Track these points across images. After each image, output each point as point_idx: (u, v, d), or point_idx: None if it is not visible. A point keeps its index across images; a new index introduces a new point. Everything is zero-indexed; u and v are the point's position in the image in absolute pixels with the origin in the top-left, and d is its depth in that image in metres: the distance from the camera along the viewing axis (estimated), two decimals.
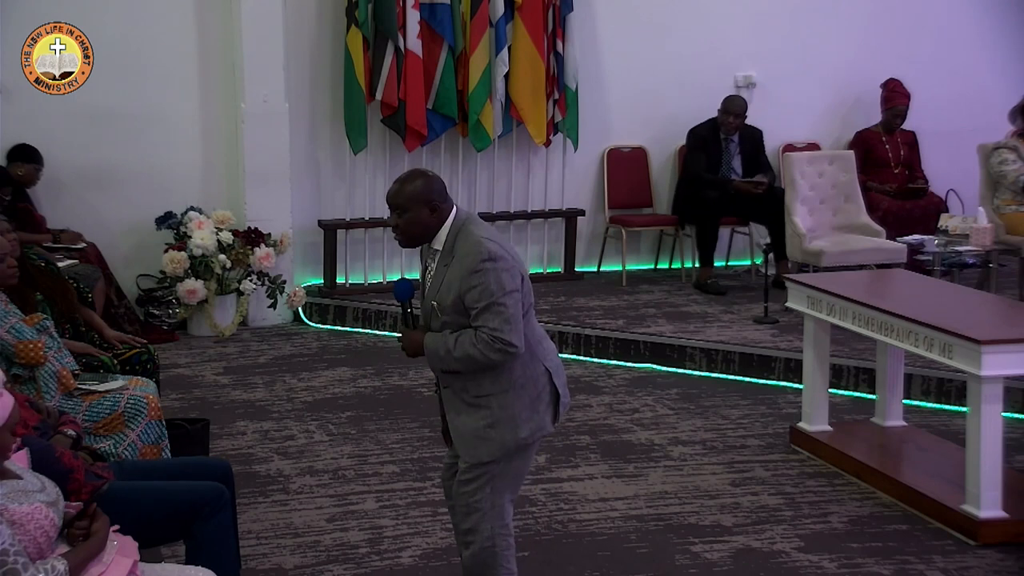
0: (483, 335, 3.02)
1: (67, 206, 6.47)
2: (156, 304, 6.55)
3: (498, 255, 3.05)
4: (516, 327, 3.03)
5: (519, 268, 3.10)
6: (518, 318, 3.04)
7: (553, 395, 3.16)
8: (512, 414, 3.10)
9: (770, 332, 6.18)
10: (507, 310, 3.02)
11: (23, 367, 3.79)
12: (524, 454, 3.18)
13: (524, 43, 7.06)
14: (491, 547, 3.17)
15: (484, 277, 3.03)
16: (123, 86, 6.54)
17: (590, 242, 7.63)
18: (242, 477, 4.24)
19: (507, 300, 3.03)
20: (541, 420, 3.14)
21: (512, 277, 3.05)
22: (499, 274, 3.03)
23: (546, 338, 3.24)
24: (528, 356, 3.10)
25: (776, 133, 7.63)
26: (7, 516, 2.41)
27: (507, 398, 3.09)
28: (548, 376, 3.15)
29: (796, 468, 4.62)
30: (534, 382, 3.12)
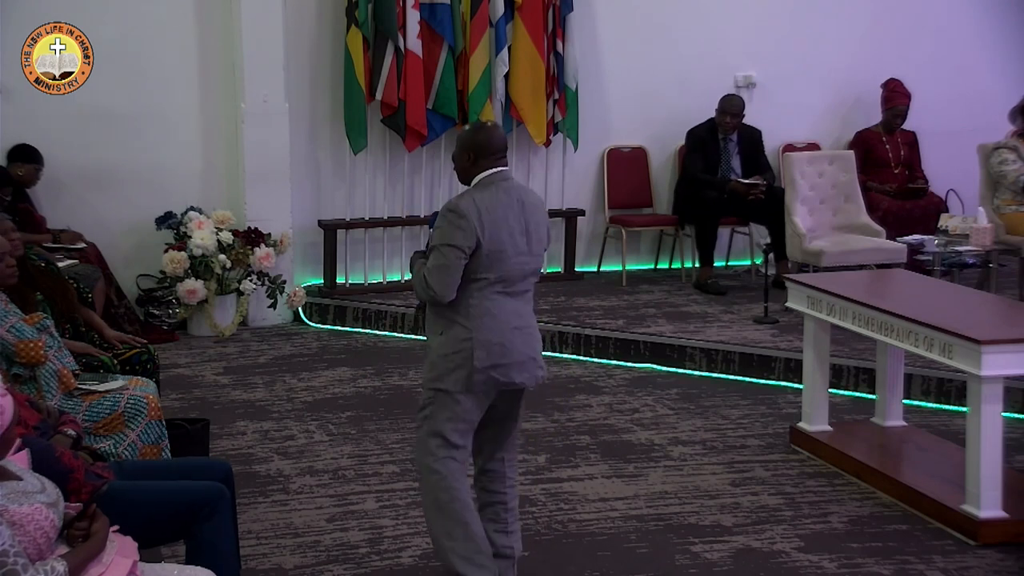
0: (423, 269, 3.39)
1: (67, 206, 6.47)
2: (156, 304, 6.55)
3: (462, 212, 3.32)
4: (443, 277, 3.32)
5: (481, 235, 3.31)
6: (449, 269, 3.32)
7: (468, 363, 3.35)
8: (433, 355, 3.45)
9: (770, 332, 6.18)
10: (442, 258, 3.33)
11: (24, 367, 3.79)
12: (441, 402, 3.41)
13: (524, 43, 7.06)
14: (423, 482, 3.50)
15: (442, 222, 3.37)
16: (123, 86, 6.54)
17: (590, 242, 7.63)
18: (242, 477, 4.24)
19: (446, 250, 3.32)
20: (446, 375, 3.38)
21: (464, 236, 3.31)
22: (451, 227, 3.32)
23: (505, 319, 3.39)
24: (461, 318, 3.37)
25: (776, 133, 7.63)
26: (7, 517, 2.41)
27: (436, 340, 3.45)
28: (470, 345, 3.35)
29: (796, 468, 4.62)
30: (454, 341, 3.38)
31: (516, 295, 3.43)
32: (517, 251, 3.38)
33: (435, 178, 7.29)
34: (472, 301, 3.36)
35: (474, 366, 3.34)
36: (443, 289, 3.33)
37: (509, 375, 3.40)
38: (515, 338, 3.40)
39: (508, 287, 3.39)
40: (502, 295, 3.38)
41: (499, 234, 3.33)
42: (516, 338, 3.40)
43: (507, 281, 3.38)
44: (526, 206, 3.42)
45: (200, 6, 6.69)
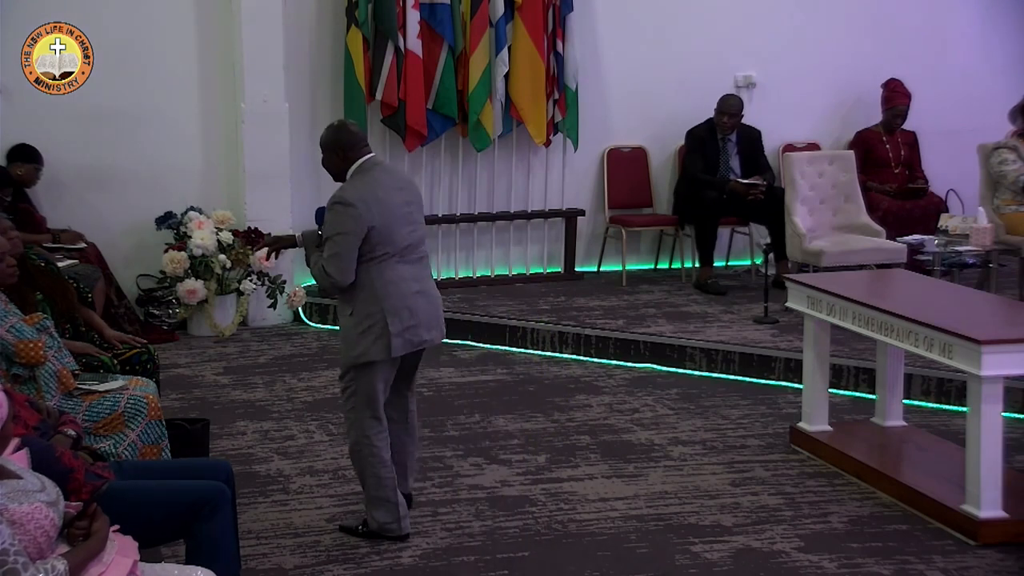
0: (320, 262, 3.76)
1: (67, 206, 6.46)
2: (156, 304, 6.55)
3: (347, 201, 3.71)
4: (338, 263, 3.70)
5: (370, 217, 3.69)
6: (344, 256, 3.70)
7: (384, 331, 3.74)
8: (350, 335, 3.81)
9: (770, 332, 6.18)
10: (336, 247, 3.70)
11: (23, 367, 3.79)
12: (366, 375, 3.79)
13: (524, 43, 7.06)
14: (357, 451, 3.89)
15: (331, 215, 3.74)
16: (123, 86, 6.53)
17: (590, 242, 7.64)
18: (242, 477, 4.24)
19: (339, 239, 3.70)
20: (367, 347, 3.76)
21: (354, 221, 3.68)
22: (340, 216, 3.70)
23: (408, 283, 3.80)
24: (368, 293, 3.75)
25: (776, 133, 7.63)
26: (7, 516, 2.41)
27: (348, 321, 3.81)
28: (382, 315, 3.74)
29: (796, 468, 4.62)
30: (367, 316, 3.75)
31: (412, 262, 3.84)
32: (405, 223, 3.80)
33: (435, 178, 7.29)
34: (374, 276, 3.74)
35: (390, 332, 3.73)
36: (340, 274, 3.71)
37: (419, 335, 3.83)
38: (418, 301, 3.83)
39: (403, 257, 3.80)
40: (400, 264, 3.79)
41: (385, 212, 3.73)
42: (419, 301, 3.83)
43: (402, 252, 3.79)
44: (401, 180, 3.96)
45: (200, 6, 6.69)
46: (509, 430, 5.07)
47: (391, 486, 3.91)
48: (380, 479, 3.89)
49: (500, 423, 5.16)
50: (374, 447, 3.86)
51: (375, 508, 3.92)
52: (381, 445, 3.88)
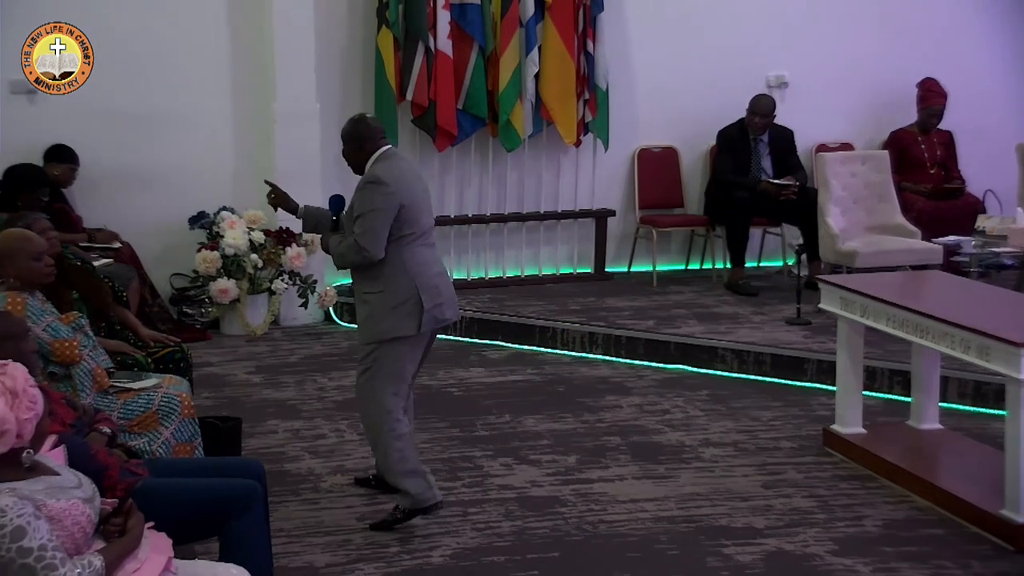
0: (350, 239, 3.92)
1: (102, 206, 6.52)
2: (189, 303, 6.60)
3: (382, 180, 3.89)
4: (373, 237, 3.86)
5: (401, 198, 3.88)
6: (377, 231, 3.86)
7: (416, 308, 3.92)
8: (378, 312, 3.95)
9: (802, 333, 6.12)
10: (369, 222, 3.86)
11: (59, 365, 3.83)
12: (393, 350, 3.96)
13: (554, 43, 7.05)
14: (379, 427, 4.02)
15: (362, 194, 3.91)
16: (157, 87, 6.59)
17: (620, 242, 7.61)
18: (273, 476, 4.25)
19: (372, 215, 3.86)
20: (399, 323, 3.93)
21: (386, 200, 3.86)
22: (374, 193, 3.88)
23: (432, 266, 4.02)
24: (399, 271, 3.92)
25: (809, 133, 7.57)
26: (45, 512, 2.43)
27: (377, 298, 3.95)
28: (415, 291, 3.91)
29: (829, 471, 4.58)
30: (400, 292, 3.92)
31: (430, 246, 4.06)
32: (425, 208, 4.03)
33: (465, 178, 7.30)
34: (405, 255, 3.93)
35: (424, 308, 3.91)
36: (375, 248, 3.88)
37: (444, 313, 4.03)
38: (441, 281, 4.04)
39: (425, 240, 4.01)
40: (423, 247, 4.00)
41: (411, 195, 3.94)
42: (442, 281, 4.05)
43: (424, 235, 4.00)
44: (416, 171, 4.14)
45: (232, 8, 6.73)
46: (539, 430, 5.06)
47: (414, 457, 4.06)
48: (403, 452, 4.01)
49: (530, 423, 5.15)
50: (397, 422, 4.00)
51: (405, 481, 4.00)
52: (403, 419, 4.03)
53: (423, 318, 3.93)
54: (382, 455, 4.05)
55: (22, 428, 2.45)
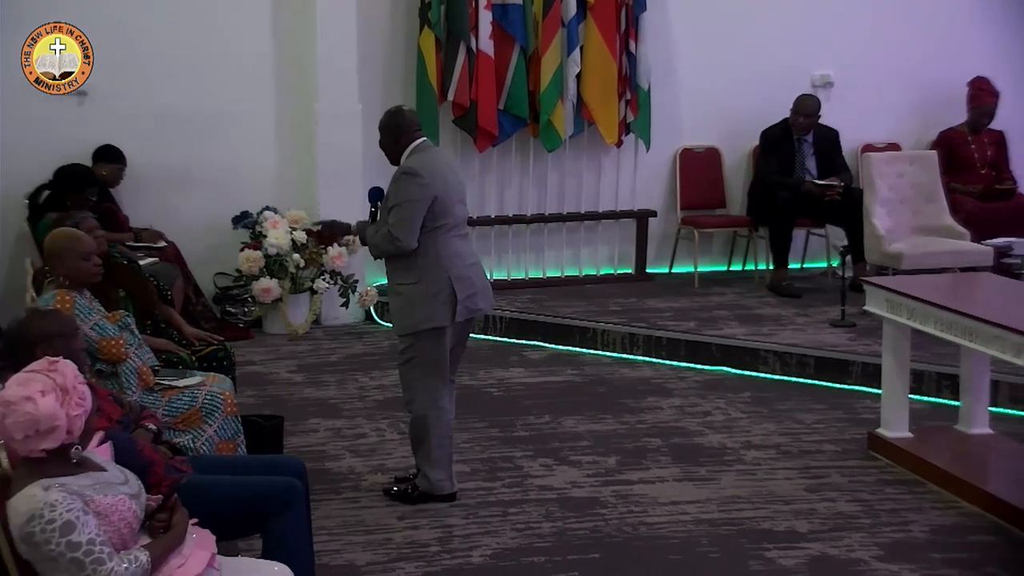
0: (385, 229, 4.01)
1: (148, 206, 6.60)
2: (232, 302, 6.66)
3: (414, 172, 3.98)
4: (407, 227, 3.95)
5: (435, 189, 3.97)
6: (411, 221, 3.95)
7: (450, 297, 4.01)
8: (413, 302, 4.04)
9: (847, 336, 6.04)
10: (403, 212, 3.96)
11: (106, 363, 3.88)
12: (430, 340, 4.06)
13: (596, 43, 7.03)
14: (423, 418, 4.13)
15: (396, 185, 4.01)
16: (202, 88, 6.66)
17: (661, 243, 7.56)
18: (314, 474, 4.27)
19: (406, 205, 3.95)
20: (433, 312, 4.02)
21: (420, 190, 3.95)
22: (408, 184, 3.97)
23: (464, 257, 4.09)
24: (432, 262, 4.00)
25: (854, 133, 7.47)
26: (93, 507, 2.47)
27: (412, 289, 4.04)
28: (449, 281, 4.00)
29: (874, 475, 4.51)
30: (433, 282, 4.01)
31: (463, 237, 4.14)
32: (458, 199, 4.10)
33: (505, 178, 7.30)
34: (440, 245, 4.01)
35: (458, 298, 4.00)
36: (408, 238, 3.97)
37: (476, 303, 4.12)
38: (474, 272, 4.13)
39: (459, 231, 4.09)
40: (456, 238, 4.07)
41: (445, 186, 4.02)
42: (475, 272, 4.14)
43: (458, 226, 4.08)
44: (450, 163, 4.26)
45: (276, 8, 6.79)
46: (579, 431, 5.04)
47: (449, 445, 4.21)
48: (442, 439, 4.16)
49: (569, 424, 5.13)
50: (443, 410, 4.13)
51: (432, 468, 4.16)
52: (449, 408, 4.16)
53: (457, 308, 4.02)
54: (420, 439, 4.17)
55: (71, 424, 2.48)
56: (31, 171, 6.16)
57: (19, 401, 2.44)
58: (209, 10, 6.70)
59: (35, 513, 2.40)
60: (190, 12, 6.65)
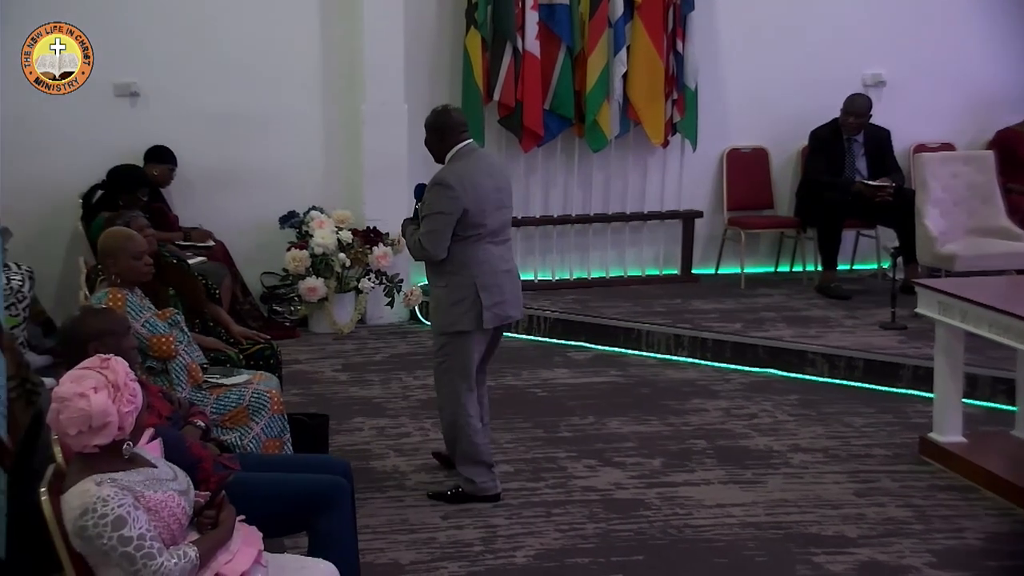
0: (417, 235, 4.13)
1: (197, 205, 6.69)
2: (279, 301, 6.72)
3: (447, 183, 4.05)
4: (435, 238, 4.07)
5: (465, 200, 4.03)
6: (440, 232, 4.06)
7: (476, 304, 4.09)
8: (442, 305, 4.18)
9: (897, 338, 5.94)
10: (432, 224, 4.07)
11: (156, 360, 3.94)
12: (459, 344, 4.17)
13: (643, 43, 6.99)
14: (453, 422, 4.25)
15: (430, 194, 4.11)
16: (249, 89, 6.73)
17: (707, 244, 7.50)
18: (359, 473, 4.30)
19: (436, 217, 4.06)
20: (458, 319, 4.13)
21: (450, 203, 4.03)
22: (440, 196, 4.05)
23: (498, 263, 4.15)
24: (459, 269, 4.10)
25: (907, 133, 7.34)
26: (143, 503, 2.50)
27: (442, 292, 4.18)
28: (474, 289, 4.08)
29: (926, 480, 4.43)
30: (459, 289, 4.10)
31: (500, 243, 4.18)
32: (495, 206, 4.12)
33: (550, 178, 7.28)
34: (469, 253, 4.08)
35: (483, 305, 4.07)
36: (435, 249, 4.08)
37: (506, 311, 4.18)
38: (506, 280, 4.18)
39: (493, 238, 4.14)
40: (490, 244, 4.13)
41: (480, 196, 4.07)
42: (506, 280, 4.18)
43: (493, 233, 4.13)
44: (493, 167, 4.25)
45: (323, 10, 6.84)
46: (623, 433, 5.01)
47: (485, 449, 4.27)
48: (476, 445, 4.23)
49: (614, 425, 5.11)
50: (470, 416, 4.22)
51: (471, 470, 4.24)
52: (474, 413, 4.24)
53: (484, 316, 4.10)
54: (454, 444, 4.27)
55: (123, 420, 2.52)
56: (85, 171, 6.27)
57: (73, 397, 2.48)
58: (259, 13, 6.77)
59: (88, 508, 2.44)
60: (240, 15, 6.72)
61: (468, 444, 4.23)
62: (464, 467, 4.26)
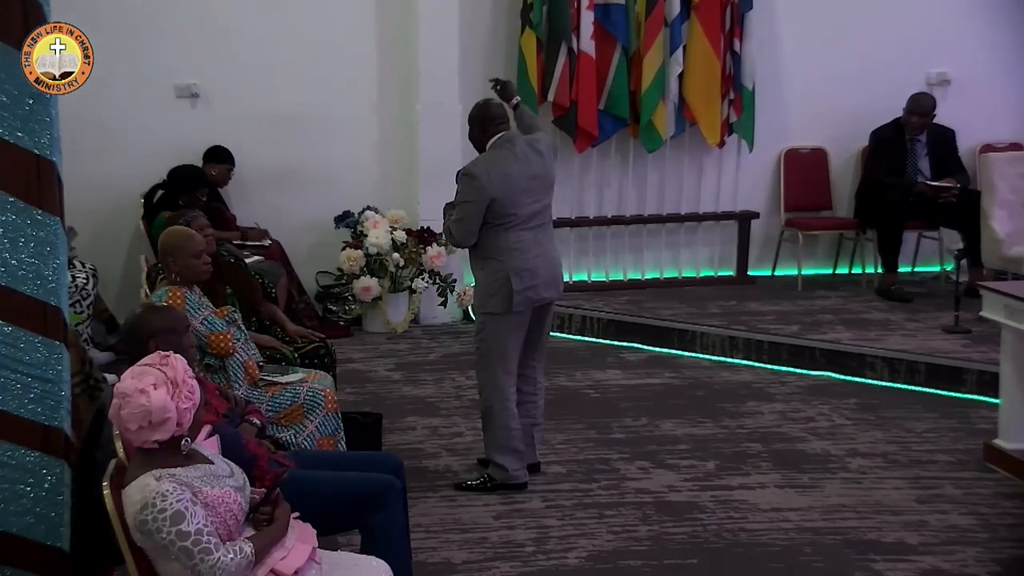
0: (447, 221, 4.31)
1: (254, 205, 6.77)
2: (333, 300, 6.78)
3: (473, 173, 4.18)
4: (462, 226, 4.21)
5: (492, 189, 4.15)
6: (467, 221, 4.19)
7: (506, 287, 4.20)
8: (480, 287, 4.34)
9: (961, 342, 5.80)
10: (460, 212, 4.21)
11: (214, 357, 3.99)
12: (495, 326, 4.27)
13: (700, 42, 6.92)
14: (488, 407, 4.33)
15: (458, 183, 4.25)
16: (306, 90, 6.80)
17: (763, 245, 7.40)
18: (412, 472, 4.31)
19: (463, 206, 4.20)
20: (490, 301, 4.26)
21: (476, 192, 4.16)
22: (466, 186, 4.19)
23: (532, 247, 4.25)
24: (490, 254, 4.23)
25: (973, 133, 7.18)
26: (201, 498, 2.53)
27: (479, 275, 4.33)
28: (505, 274, 4.20)
29: (991, 487, 4.32)
30: (492, 273, 4.25)
31: (533, 228, 4.27)
32: (527, 194, 4.21)
33: (605, 179, 7.24)
34: (500, 240, 4.20)
35: (512, 289, 4.18)
36: (462, 236, 4.24)
37: (539, 293, 4.27)
38: (539, 264, 4.27)
39: (526, 224, 4.23)
40: (523, 231, 4.22)
41: (510, 184, 4.17)
42: (540, 263, 4.27)
43: (524, 219, 4.22)
44: (531, 156, 4.28)
45: (380, 12, 6.89)
46: (677, 435, 4.97)
47: (519, 436, 4.32)
48: (510, 430, 4.29)
49: (667, 427, 5.06)
50: (507, 400, 4.29)
51: (504, 457, 4.29)
52: (512, 398, 4.30)
53: (514, 299, 4.20)
54: (488, 430, 4.33)
55: (181, 417, 2.55)
56: (147, 171, 6.38)
57: (133, 393, 2.52)
58: (315, 14, 6.84)
59: (147, 502, 2.47)
60: (297, 17, 6.79)
61: (501, 428, 4.28)
62: (495, 453, 4.31)
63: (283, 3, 6.75)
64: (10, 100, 2.95)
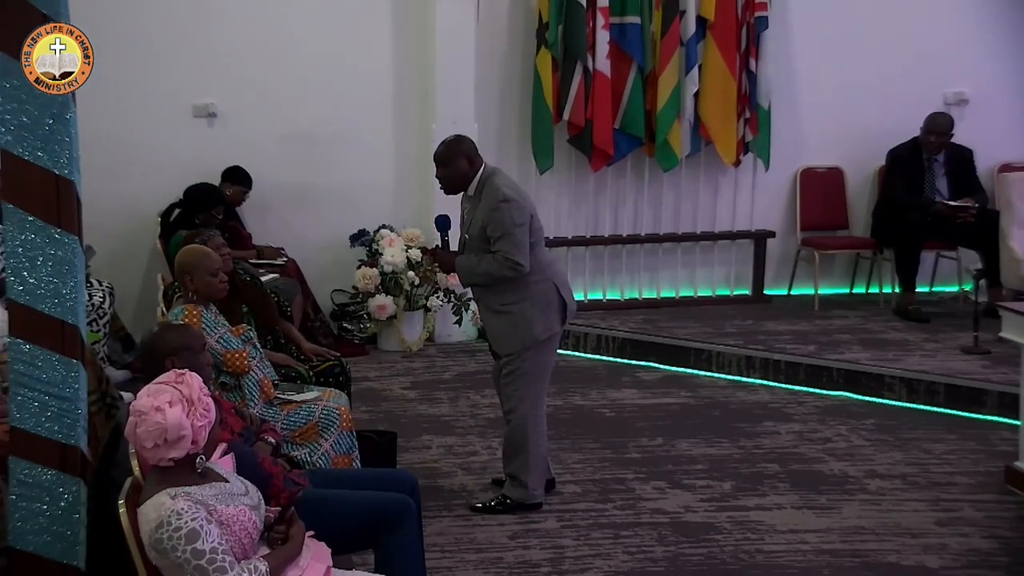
0: (499, 257, 4.12)
1: (270, 223, 6.80)
2: (349, 318, 6.79)
3: (511, 198, 4.12)
4: (523, 251, 4.11)
5: (529, 208, 4.15)
6: (525, 244, 4.11)
7: (560, 303, 4.22)
8: (528, 318, 4.18)
9: (980, 363, 5.76)
10: (515, 238, 4.10)
11: (230, 375, 3.99)
12: (542, 350, 4.22)
13: (715, 62, 6.93)
14: (523, 426, 4.24)
15: (500, 214, 4.10)
16: (323, 110, 6.83)
17: (780, 265, 7.37)
18: (427, 491, 4.28)
19: (516, 231, 4.10)
20: (550, 322, 4.21)
21: (522, 214, 4.11)
22: (511, 212, 4.10)
23: (555, 262, 4.41)
24: (539, 275, 4.18)
25: (991, 153, 7.14)
26: (216, 517, 2.53)
27: (524, 306, 4.17)
28: (556, 289, 4.21)
29: (1012, 510, 4.27)
30: (544, 294, 4.19)
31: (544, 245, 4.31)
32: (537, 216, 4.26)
33: (620, 198, 7.24)
34: (541, 257, 4.21)
35: (565, 303, 4.22)
36: (526, 260, 4.13)
37: (573, 306, 4.33)
38: (567, 280, 4.36)
39: (542, 241, 4.27)
40: (543, 248, 4.28)
41: (531, 203, 4.23)
42: (567, 280, 4.36)
43: (544, 239, 4.29)
44: None
45: (396, 31, 6.92)
46: (693, 455, 4.93)
47: (545, 455, 4.38)
48: (539, 449, 4.31)
49: (683, 447, 5.03)
50: (541, 420, 4.30)
51: (529, 475, 4.28)
52: (544, 416, 4.33)
53: (568, 309, 4.25)
54: (518, 450, 4.27)
55: (197, 435, 2.55)
56: (164, 190, 6.41)
57: (149, 411, 2.52)
58: (332, 34, 6.88)
59: (163, 520, 2.47)
60: (313, 37, 6.84)
61: (535, 449, 4.28)
62: (527, 474, 4.28)
63: (300, 23, 6.79)
64: (31, 121, 2.97)
